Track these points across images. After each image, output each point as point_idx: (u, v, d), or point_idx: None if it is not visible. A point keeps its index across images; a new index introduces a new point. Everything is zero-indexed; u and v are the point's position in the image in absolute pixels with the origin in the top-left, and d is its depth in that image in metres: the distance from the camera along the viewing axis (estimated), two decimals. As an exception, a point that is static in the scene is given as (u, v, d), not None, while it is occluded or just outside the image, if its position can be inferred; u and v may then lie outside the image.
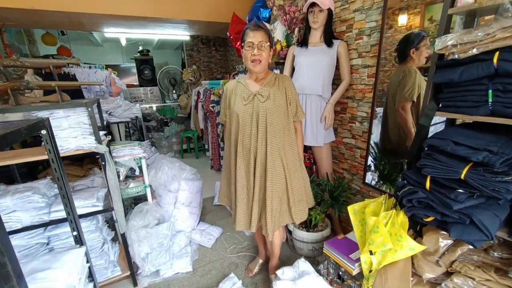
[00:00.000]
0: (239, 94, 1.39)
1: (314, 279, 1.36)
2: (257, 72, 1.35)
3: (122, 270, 1.70)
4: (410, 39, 1.46)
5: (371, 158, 1.84)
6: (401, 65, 1.53)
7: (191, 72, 4.97)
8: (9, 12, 2.73)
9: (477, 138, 0.91)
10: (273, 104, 1.33)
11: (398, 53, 1.53)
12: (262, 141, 1.34)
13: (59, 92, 1.40)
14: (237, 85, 1.44)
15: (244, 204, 1.44)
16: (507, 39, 0.80)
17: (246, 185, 1.43)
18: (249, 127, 1.36)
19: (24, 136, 0.71)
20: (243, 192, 1.43)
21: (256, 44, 1.26)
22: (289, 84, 1.39)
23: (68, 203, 1.03)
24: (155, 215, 1.90)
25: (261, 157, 1.36)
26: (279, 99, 1.35)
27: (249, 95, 1.36)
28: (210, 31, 4.38)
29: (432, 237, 1.12)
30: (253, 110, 1.34)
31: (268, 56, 1.32)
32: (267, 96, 1.33)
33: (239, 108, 1.37)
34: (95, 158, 1.79)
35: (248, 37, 1.28)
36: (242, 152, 1.40)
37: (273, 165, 1.37)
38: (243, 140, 1.39)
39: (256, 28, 1.28)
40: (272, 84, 1.37)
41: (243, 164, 1.41)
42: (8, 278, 0.53)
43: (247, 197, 1.44)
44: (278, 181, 1.39)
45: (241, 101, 1.37)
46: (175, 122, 5.10)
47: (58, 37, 4.84)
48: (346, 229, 2.10)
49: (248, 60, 1.31)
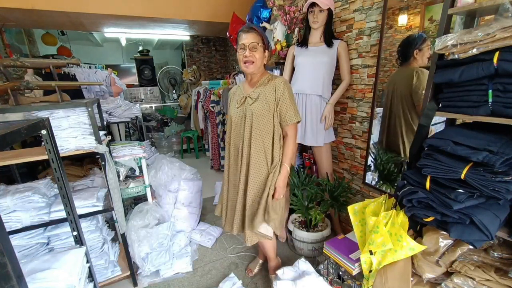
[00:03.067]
0: (235, 98, 1.44)
1: (314, 279, 1.36)
2: (251, 73, 1.35)
3: (122, 270, 1.70)
4: (413, 41, 1.46)
5: (371, 158, 1.84)
6: (404, 65, 1.52)
7: (191, 72, 4.97)
8: (9, 12, 2.73)
9: (477, 138, 0.91)
10: (260, 106, 1.32)
11: (400, 54, 1.52)
12: (247, 143, 1.37)
13: (59, 92, 1.40)
14: (237, 89, 1.48)
15: (231, 204, 1.49)
16: (507, 39, 0.80)
17: (232, 187, 1.48)
18: (240, 129, 1.40)
19: (24, 136, 0.71)
20: (229, 192, 1.50)
21: (248, 46, 1.27)
22: (280, 83, 1.32)
23: (68, 203, 1.03)
24: (155, 215, 1.90)
25: (246, 159, 1.38)
26: (268, 101, 1.32)
27: (241, 97, 1.39)
28: (210, 31, 4.38)
29: (432, 237, 1.12)
30: (244, 113, 1.37)
31: (262, 57, 1.31)
32: (255, 98, 1.34)
33: (233, 111, 1.43)
34: (95, 158, 1.79)
35: (240, 39, 1.29)
36: (233, 154, 1.45)
37: (254, 168, 1.36)
38: (235, 142, 1.44)
39: (248, 30, 1.29)
40: (264, 86, 1.35)
41: (233, 165, 1.46)
42: (8, 278, 0.53)
43: (233, 198, 1.48)
44: (256, 185, 1.39)
45: (235, 104, 1.42)
46: (175, 122, 5.10)
47: (58, 37, 4.83)
48: (346, 229, 2.09)
49: (240, 62, 1.32)
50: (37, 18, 3.07)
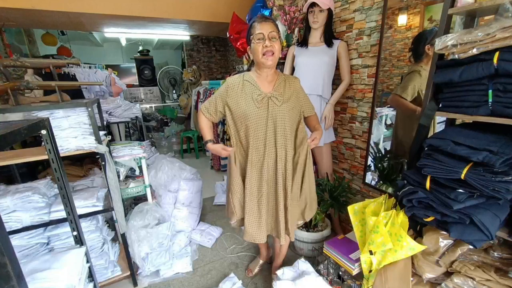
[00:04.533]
0: (249, 95, 1.26)
1: (314, 279, 1.36)
2: (270, 66, 1.23)
3: (122, 270, 1.70)
4: (424, 36, 1.43)
5: (371, 158, 1.84)
6: (417, 63, 1.49)
7: (191, 72, 4.97)
8: (9, 12, 2.73)
9: (477, 138, 0.91)
10: (287, 107, 1.27)
11: (413, 51, 1.49)
12: (281, 148, 1.27)
13: (59, 92, 1.40)
14: (244, 83, 1.29)
15: (255, 214, 1.37)
16: (507, 39, 0.80)
17: (256, 195, 1.35)
18: (263, 132, 1.26)
19: (24, 136, 0.71)
20: (252, 201, 1.35)
21: (267, 35, 1.16)
22: (299, 86, 1.34)
23: (68, 203, 1.03)
24: (155, 215, 1.90)
25: (282, 164, 1.29)
26: (292, 103, 1.29)
27: (262, 97, 1.24)
28: (210, 31, 4.38)
29: (432, 237, 1.12)
30: (268, 114, 1.24)
31: (280, 49, 1.22)
32: (282, 99, 1.25)
33: (250, 111, 1.24)
34: (95, 158, 1.79)
35: (256, 29, 1.18)
36: (255, 159, 1.30)
37: (291, 171, 1.32)
38: (257, 147, 1.28)
39: (264, 19, 1.19)
40: (283, 86, 1.30)
41: (255, 171, 1.31)
42: (8, 278, 0.53)
43: (257, 207, 1.36)
44: (297, 185, 1.35)
45: (251, 102, 1.24)
46: (175, 122, 5.11)
47: (58, 37, 4.84)
48: (346, 229, 2.09)
49: (259, 53, 1.18)
50: (37, 18, 3.07)
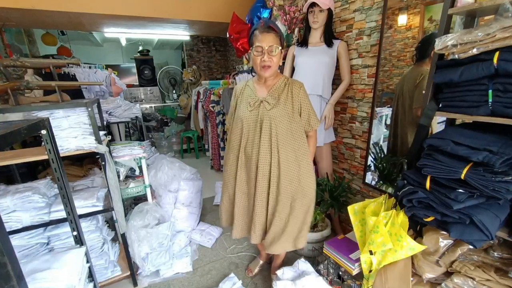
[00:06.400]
0: (245, 99, 1.33)
1: (314, 279, 1.36)
2: (267, 77, 1.29)
3: (122, 270, 1.70)
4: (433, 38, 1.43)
5: (371, 158, 1.84)
6: (418, 64, 1.49)
7: (191, 72, 4.98)
8: (9, 12, 2.73)
9: (477, 138, 0.91)
10: (279, 112, 1.26)
11: (418, 51, 1.48)
12: (265, 150, 1.28)
13: (59, 92, 1.40)
14: (245, 88, 1.37)
15: (243, 211, 1.41)
16: (507, 39, 0.80)
17: (246, 193, 1.39)
18: (252, 134, 1.31)
19: (24, 136, 0.71)
20: (242, 199, 1.39)
21: (267, 49, 1.18)
22: (299, 91, 1.29)
23: (68, 203, 1.03)
24: (155, 215, 1.89)
25: (263, 168, 1.30)
26: (287, 107, 1.28)
27: (255, 101, 1.29)
28: (210, 31, 4.38)
29: (432, 237, 1.12)
30: (257, 117, 1.28)
31: (279, 60, 1.25)
32: (273, 103, 1.26)
33: (244, 114, 1.31)
34: (95, 158, 1.79)
35: (257, 40, 1.20)
36: (244, 159, 1.35)
37: (285, 178, 1.30)
38: (245, 147, 1.33)
39: (266, 30, 1.19)
40: (281, 90, 1.29)
41: (244, 171, 1.36)
42: (8, 278, 0.53)
43: (247, 205, 1.40)
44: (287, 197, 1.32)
45: (246, 106, 1.31)
46: (175, 122, 5.11)
47: (58, 37, 4.84)
48: (346, 229, 2.09)
49: (257, 65, 1.24)
50: (37, 18, 3.07)
